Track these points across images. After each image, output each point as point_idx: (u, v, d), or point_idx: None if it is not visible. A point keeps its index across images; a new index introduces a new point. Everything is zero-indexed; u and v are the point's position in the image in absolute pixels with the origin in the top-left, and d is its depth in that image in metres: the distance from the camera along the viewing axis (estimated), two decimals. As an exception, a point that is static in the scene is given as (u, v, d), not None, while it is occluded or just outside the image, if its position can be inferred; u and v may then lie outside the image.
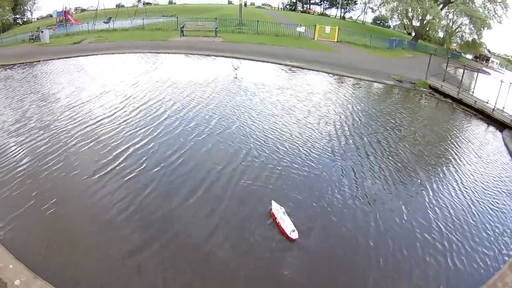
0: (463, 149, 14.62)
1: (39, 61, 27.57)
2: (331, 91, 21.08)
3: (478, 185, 11.50)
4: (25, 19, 70.11)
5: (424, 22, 47.45)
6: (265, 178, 10.21)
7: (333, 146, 12.90)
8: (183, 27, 35.96)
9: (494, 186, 11.65)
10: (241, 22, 40.79)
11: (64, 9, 48.38)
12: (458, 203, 10.14)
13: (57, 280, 6.51)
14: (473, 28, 45.54)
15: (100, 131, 12.87)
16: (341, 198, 9.64)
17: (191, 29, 36.60)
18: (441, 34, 52.31)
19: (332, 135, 13.94)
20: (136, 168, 10.36)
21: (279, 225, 8.15)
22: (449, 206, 9.90)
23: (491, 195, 10.94)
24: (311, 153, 12.11)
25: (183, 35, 35.22)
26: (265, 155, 11.61)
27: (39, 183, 9.59)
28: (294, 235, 7.84)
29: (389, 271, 7.29)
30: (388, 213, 9.24)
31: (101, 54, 28.64)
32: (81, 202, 8.82)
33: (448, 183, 11.41)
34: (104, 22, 43.37)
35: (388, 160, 12.37)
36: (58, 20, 48.21)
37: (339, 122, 15.46)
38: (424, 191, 10.61)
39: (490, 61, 66.90)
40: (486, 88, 25.15)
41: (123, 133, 12.75)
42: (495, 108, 19.92)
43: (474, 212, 9.82)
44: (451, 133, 16.84)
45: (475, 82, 27.31)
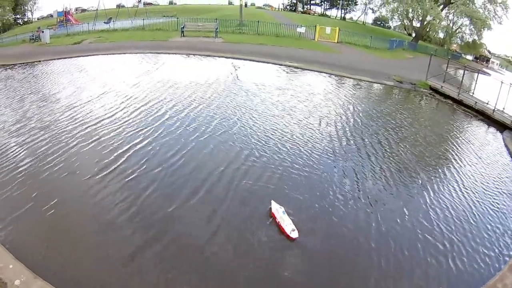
0: (464, 150, 14.63)
1: (40, 61, 27.55)
2: (331, 91, 21.06)
3: (479, 186, 11.51)
4: (26, 19, 70.19)
5: (425, 23, 47.47)
6: (267, 178, 10.21)
7: (334, 147, 12.90)
8: (183, 27, 35.94)
9: (495, 187, 11.66)
10: (241, 23, 40.78)
11: (64, 9, 48.46)
12: (459, 204, 10.16)
13: (57, 280, 6.51)
14: (473, 29, 45.59)
15: (101, 131, 12.86)
16: (342, 198, 9.65)
17: (192, 30, 36.58)
18: (441, 35, 52.40)
19: (332, 135, 13.95)
20: (137, 168, 10.35)
21: (279, 224, 8.16)
22: (450, 207, 9.92)
23: (492, 196, 10.95)
24: (312, 153, 12.11)
25: (184, 35, 35.20)
26: (267, 155, 11.61)
27: (40, 183, 9.58)
28: (294, 234, 7.85)
29: (390, 271, 7.30)
30: (389, 213, 9.25)
31: (101, 54, 28.61)
32: (82, 202, 8.81)
33: (448, 184, 11.42)
34: (104, 22, 43.43)
35: (389, 161, 12.38)
36: (58, 20, 48.28)
37: (340, 123, 15.46)
38: (424, 192, 10.62)
39: (490, 62, 66.99)
40: (486, 89, 25.20)
41: (124, 133, 12.74)
42: (495, 109, 19.93)
43: (474, 213, 9.84)
44: (451, 134, 16.86)
45: (475, 83, 27.40)
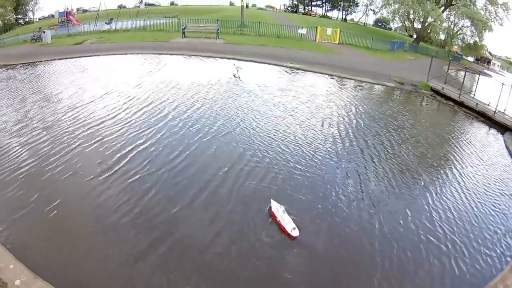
0: (465, 152, 14.62)
1: (41, 61, 27.63)
2: (333, 93, 21.07)
3: (480, 187, 11.51)
4: (27, 19, 70.40)
5: (426, 24, 47.45)
6: (270, 179, 10.20)
7: (336, 148, 12.91)
8: (184, 28, 35.97)
9: (496, 188, 11.66)
10: (242, 24, 40.83)
11: (66, 10, 48.59)
12: (461, 205, 10.16)
13: (58, 281, 6.51)
14: (474, 31, 45.66)
15: (103, 132, 12.85)
16: (344, 199, 9.65)
17: (193, 31, 36.58)
18: (442, 37, 52.55)
19: (335, 136, 13.96)
20: (140, 169, 10.33)
21: (279, 223, 8.18)
22: (452, 208, 9.92)
23: (493, 197, 10.96)
24: (314, 154, 12.12)
25: (185, 36, 35.24)
26: (270, 156, 11.61)
27: (42, 184, 9.58)
28: (295, 233, 7.88)
29: (393, 271, 7.31)
30: (391, 214, 9.26)
31: (103, 55, 28.68)
32: (83, 203, 8.80)
33: (450, 185, 11.42)
34: (105, 23, 43.49)
35: (391, 162, 12.38)
36: (60, 20, 48.44)
37: (342, 124, 15.47)
38: (426, 193, 10.63)
39: (491, 63, 67.02)
40: (487, 91, 25.16)
41: (126, 134, 12.72)
42: (497, 111, 19.91)
43: (476, 214, 9.84)
44: (452, 135, 16.86)
45: (477, 84, 27.34)
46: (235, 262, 7.17)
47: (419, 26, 50.08)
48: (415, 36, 52.82)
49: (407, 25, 55.71)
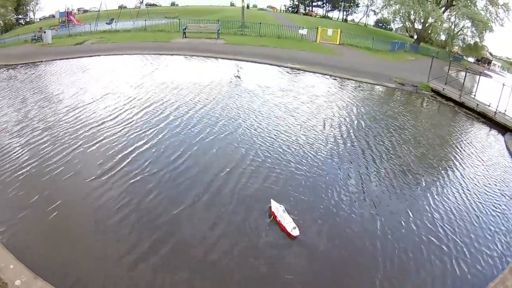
0: (466, 152, 14.62)
1: (42, 61, 27.69)
2: (333, 93, 21.09)
3: (481, 188, 11.51)
4: (28, 20, 70.54)
5: (426, 25, 47.49)
6: (272, 180, 10.20)
7: (337, 149, 12.92)
8: (185, 28, 36.02)
9: (497, 189, 11.65)
10: (243, 24, 40.85)
11: (66, 10, 48.63)
12: (461, 206, 10.16)
13: (58, 281, 6.50)
14: (475, 31, 45.71)
15: (105, 132, 12.84)
16: (345, 199, 9.66)
17: (193, 31, 36.62)
18: (443, 37, 52.61)
19: (336, 137, 13.96)
20: (141, 170, 10.32)
21: (280, 223, 8.20)
22: (452, 209, 9.92)
23: (494, 198, 10.95)
24: (315, 155, 12.13)
25: (185, 36, 35.28)
26: (271, 157, 11.60)
27: (42, 184, 9.57)
28: (295, 232, 7.90)
29: (393, 272, 7.31)
30: (392, 214, 9.26)
31: (103, 55, 28.73)
32: (84, 203, 8.78)
33: (451, 185, 11.43)
34: (106, 23, 43.56)
35: (392, 163, 12.38)
36: (60, 20, 48.53)
37: (343, 125, 15.48)
38: (427, 194, 10.63)
39: (492, 64, 67.01)
40: (488, 91, 25.18)
41: (127, 135, 12.72)
42: (497, 112, 19.90)
43: (477, 214, 9.83)
44: (453, 136, 16.87)
45: (477, 85, 27.34)
46: (237, 262, 7.17)
47: (420, 27, 50.15)
48: (415, 36, 52.85)
49: (408, 26, 55.83)
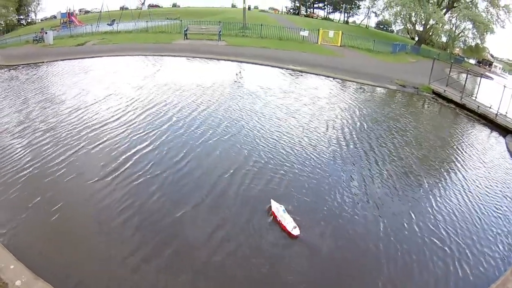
0: (467, 154, 14.61)
1: (43, 62, 27.74)
2: (335, 95, 21.13)
3: (482, 190, 11.50)
4: (29, 20, 70.61)
5: (427, 26, 47.51)
6: (275, 182, 10.21)
7: (339, 150, 12.93)
8: (186, 30, 36.10)
9: (498, 190, 11.65)
10: (244, 26, 40.90)
11: (68, 11, 48.73)
12: (463, 207, 10.15)
13: (58, 282, 6.50)
14: (476, 33, 45.66)
15: (107, 134, 12.83)
16: (348, 201, 9.67)
17: (195, 32, 36.71)
18: (444, 39, 52.54)
19: (338, 139, 13.98)
20: (144, 172, 10.31)
21: (280, 222, 8.24)
22: (454, 210, 9.91)
23: (495, 200, 10.94)
24: (318, 157, 12.14)
25: (187, 38, 35.34)
26: (274, 159, 11.61)
27: (44, 185, 9.56)
28: (296, 232, 7.94)
29: (395, 272, 7.32)
30: (394, 216, 9.27)
31: (105, 56, 28.81)
32: (86, 205, 8.77)
33: (453, 187, 11.43)
34: (107, 24, 43.65)
35: (394, 165, 12.38)
36: (62, 21, 48.64)
37: (345, 126, 15.50)
38: (429, 196, 10.63)
39: (493, 65, 67.02)
40: (489, 93, 25.15)
41: (130, 136, 12.70)
42: (498, 113, 19.91)
43: (479, 216, 9.83)
44: (454, 138, 16.88)
45: (478, 87, 27.34)
46: (240, 263, 7.17)
47: (421, 29, 50.17)
48: (417, 38, 52.92)
49: (409, 28, 55.82)
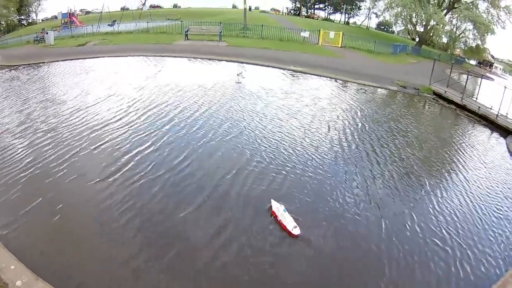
0: (468, 155, 14.61)
1: (44, 62, 27.73)
2: (336, 96, 21.15)
3: (483, 191, 11.50)
4: (30, 20, 70.67)
5: (428, 27, 47.57)
6: (277, 183, 10.22)
7: (341, 151, 12.94)
8: (187, 31, 36.14)
9: (499, 191, 11.65)
10: (245, 27, 40.94)
11: (69, 11, 48.71)
12: (464, 208, 10.15)
13: (59, 282, 6.50)
14: (476, 34, 45.73)
15: (108, 135, 12.83)
16: (349, 201, 9.68)
17: (196, 33, 36.75)
18: (445, 40, 52.65)
19: (340, 140, 13.99)
20: (146, 173, 10.29)
21: (281, 222, 8.28)
22: (455, 211, 9.90)
23: (496, 201, 10.94)
24: (319, 157, 12.15)
25: (188, 39, 35.37)
26: (276, 160, 11.62)
27: (45, 186, 9.55)
28: (296, 231, 7.97)
29: (397, 273, 7.33)
30: (395, 217, 9.27)
31: (106, 56, 28.83)
32: (87, 206, 8.75)
33: (453, 188, 11.42)
34: (108, 24, 43.65)
35: (395, 166, 12.38)
36: (63, 22, 48.62)
37: (346, 127, 15.51)
38: (430, 197, 10.62)
39: (493, 66, 66.99)
40: (489, 94, 25.14)
41: (131, 137, 12.68)
42: (499, 114, 19.91)
43: (480, 217, 9.81)
44: (455, 139, 16.88)
45: (479, 88, 27.30)
46: (243, 265, 7.17)
47: (422, 29, 50.22)
48: (417, 39, 52.93)
49: (410, 28, 55.86)
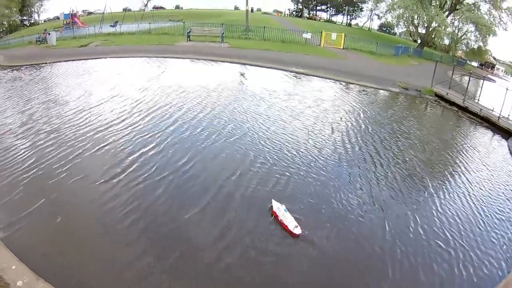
0: (470, 157, 14.62)
1: (46, 63, 27.79)
2: (338, 98, 21.19)
3: (485, 193, 11.51)
4: (32, 21, 70.85)
5: (430, 29, 47.52)
6: (281, 184, 10.24)
7: (344, 153, 12.96)
8: (189, 32, 36.19)
9: (501, 193, 11.67)
10: (247, 28, 41.01)
11: (71, 12, 48.83)
12: (467, 210, 10.16)
13: (60, 283, 6.51)
14: (478, 35, 45.58)
15: (112, 136, 12.84)
16: (352, 203, 9.70)
17: (198, 34, 36.81)
18: (446, 41, 52.55)
19: (343, 141, 14.02)
20: (149, 175, 10.29)
21: (282, 222, 8.31)
22: (457, 213, 9.91)
23: (498, 203, 10.94)
24: (323, 159, 12.17)
25: (190, 40, 35.43)
26: (279, 162, 11.63)
27: (48, 187, 9.57)
28: (297, 231, 8.00)
29: (402, 275, 7.34)
30: (398, 219, 9.29)
31: (108, 57, 28.91)
32: (90, 207, 8.76)
33: (456, 190, 11.43)
34: (110, 25, 43.75)
35: (398, 167, 12.40)
36: (65, 22, 48.72)
37: (349, 129, 15.54)
38: (433, 198, 10.64)
39: (495, 68, 66.89)
40: (491, 96, 25.11)
41: (134, 138, 12.69)
42: (501, 116, 19.89)
43: (482, 219, 9.82)
44: (457, 141, 16.88)
45: (481, 89, 27.26)
46: (246, 265, 7.19)
47: (424, 31, 50.17)
48: (419, 41, 52.83)
49: (412, 30, 55.71)
